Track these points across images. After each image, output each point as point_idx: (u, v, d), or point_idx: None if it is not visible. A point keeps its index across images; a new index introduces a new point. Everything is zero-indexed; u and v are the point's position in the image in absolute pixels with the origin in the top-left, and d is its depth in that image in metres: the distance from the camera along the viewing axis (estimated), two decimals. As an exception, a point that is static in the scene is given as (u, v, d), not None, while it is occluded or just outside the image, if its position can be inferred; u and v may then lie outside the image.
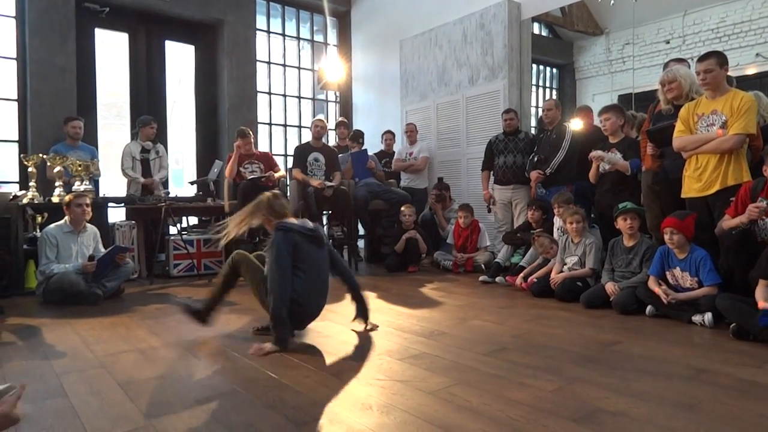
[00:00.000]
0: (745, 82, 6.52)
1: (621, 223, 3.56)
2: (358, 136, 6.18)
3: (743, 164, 3.13)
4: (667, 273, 3.23)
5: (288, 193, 5.77)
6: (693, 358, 2.37)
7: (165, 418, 1.76)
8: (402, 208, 5.36)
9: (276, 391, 2.00)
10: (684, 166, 3.35)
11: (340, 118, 6.92)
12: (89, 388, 2.05)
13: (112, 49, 6.35)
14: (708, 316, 2.91)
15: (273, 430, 1.66)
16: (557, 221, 4.33)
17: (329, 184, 5.18)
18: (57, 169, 4.54)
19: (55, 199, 4.42)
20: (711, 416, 1.73)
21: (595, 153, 4.02)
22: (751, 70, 7.06)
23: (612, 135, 4.09)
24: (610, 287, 3.44)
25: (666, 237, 3.16)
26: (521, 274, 4.16)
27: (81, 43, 5.78)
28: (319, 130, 5.49)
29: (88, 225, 4.13)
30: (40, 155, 4.58)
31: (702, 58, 3.21)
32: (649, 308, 3.21)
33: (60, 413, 1.80)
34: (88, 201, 4.06)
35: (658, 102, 3.68)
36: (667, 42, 8.09)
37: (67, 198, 4.05)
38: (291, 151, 7.00)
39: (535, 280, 3.97)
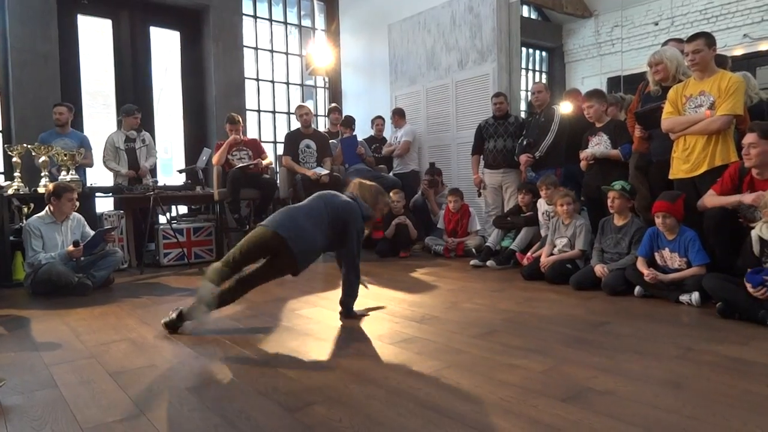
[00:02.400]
0: (732, 63, 6.53)
1: (608, 202, 3.59)
2: (350, 122, 6.15)
3: (731, 145, 3.15)
4: (656, 254, 3.25)
5: (278, 180, 5.74)
6: (680, 336, 2.41)
7: (156, 406, 1.75)
8: (391, 194, 5.33)
9: (268, 378, 2.00)
10: (671, 148, 3.36)
11: (333, 104, 6.87)
12: (79, 378, 2.04)
13: (95, 36, 6.23)
14: (695, 296, 2.95)
15: (266, 417, 1.66)
16: (542, 205, 4.35)
17: (324, 172, 5.15)
18: (42, 159, 4.47)
19: (41, 190, 4.35)
20: (697, 393, 1.76)
21: (585, 154, 4.03)
22: (738, 51, 7.08)
23: (597, 121, 4.10)
24: (599, 269, 3.47)
25: (658, 221, 3.18)
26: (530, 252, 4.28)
27: (63, 30, 5.66)
28: (306, 117, 5.45)
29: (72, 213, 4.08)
30: (25, 145, 4.51)
31: (690, 39, 3.22)
32: (637, 289, 3.25)
33: (50, 404, 1.79)
34: (76, 194, 4.02)
35: (648, 82, 3.68)
36: (656, 24, 8.08)
37: (51, 187, 3.94)
38: (280, 137, 6.96)
39: (532, 257, 4.09)
